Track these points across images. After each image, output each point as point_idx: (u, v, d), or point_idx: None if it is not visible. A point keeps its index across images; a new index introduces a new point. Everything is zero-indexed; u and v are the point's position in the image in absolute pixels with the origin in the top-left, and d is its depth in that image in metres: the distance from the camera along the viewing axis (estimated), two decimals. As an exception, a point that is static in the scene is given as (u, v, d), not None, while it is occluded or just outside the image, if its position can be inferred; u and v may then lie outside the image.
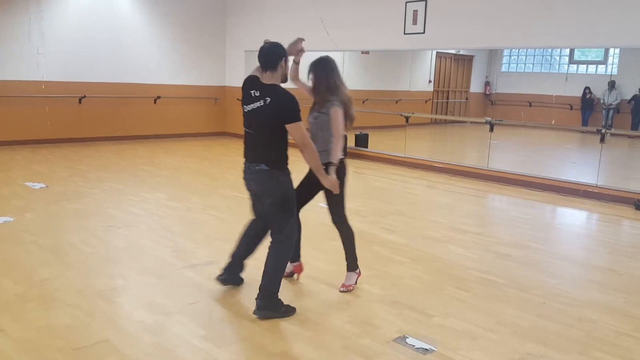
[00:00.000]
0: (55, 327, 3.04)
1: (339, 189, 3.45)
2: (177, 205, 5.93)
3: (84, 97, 10.19)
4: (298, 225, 3.76)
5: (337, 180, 3.41)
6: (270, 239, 3.37)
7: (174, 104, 11.48)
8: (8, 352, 2.76)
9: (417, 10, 8.59)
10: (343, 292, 3.70)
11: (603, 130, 7.82)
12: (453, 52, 15.45)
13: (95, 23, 10.22)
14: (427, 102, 15.40)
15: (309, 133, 3.34)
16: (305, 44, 3.75)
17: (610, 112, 13.53)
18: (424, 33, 8.55)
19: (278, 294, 3.32)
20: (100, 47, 10.34)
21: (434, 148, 12.85)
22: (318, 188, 3.53)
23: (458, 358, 2.87)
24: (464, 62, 16.55)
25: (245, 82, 3.33)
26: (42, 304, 3.32)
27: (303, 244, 3.84)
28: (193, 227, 5.23)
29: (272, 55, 3.20)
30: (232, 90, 11.91)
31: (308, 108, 3.62)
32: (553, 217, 6.71)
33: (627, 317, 3.50)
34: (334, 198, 3.55)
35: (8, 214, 5.21)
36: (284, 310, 3.32)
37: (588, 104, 14.19)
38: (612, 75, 14.06)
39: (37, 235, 4.64)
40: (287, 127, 3.14)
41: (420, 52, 14.48)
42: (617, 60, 13.75)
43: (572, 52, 15.03)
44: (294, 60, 3.71)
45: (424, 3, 8.50)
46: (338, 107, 3.44)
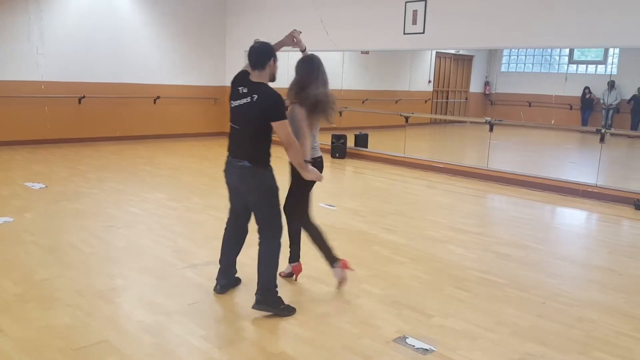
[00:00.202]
0: (55, 327, 3.04)
1: (304, 189, 3.48)
2: (177, 205, 5.93)
3: (84, 97, 10.19)
4: (299, 227, 3.79)
5: (317, 172, 3.45)
6: (259, 236, 3.40)
7: (174, 104, 11.48)
8: (8, 352, 2.76)
9: (416, 10, 8.59)
10: (341, 287, 3.73)
11: (603, 130, 7.83)
12: (453, 52, 15.45)
13: (95, 23, 10.22)
14: (426, 102, 15.41)
15: None
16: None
17: (610, 112, 13.54)
18: (424, 33, 8.55)
19: (277, 291, 3.34)
20: (100, 47, 10.34)
21: (434, 148, 12.85)
22: (307, 184, 3.61)
23: (458, 358, 2.87)
24: (464, 62, 16.56)
25: (236, 77, 3.39)
26: (41, 304, 3.32)
27: (303, 244, 3.84)
28: (193, 227, 5.23)
29: (261, 55, 3.27)
30: (232, 91, 11.89)
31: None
32: (553, 217, 6.71)
33: (627, 317, 3.50)
34: (295, 193, 3.64)
35: (8, 214, 5.21)
36: (283, 308, 3.32)
37: (588, 104, 14.19)
38: (611, 75, 14.07)
39: (36, 235, 4.64)
40: (272, 125, 3.20)
41: (420, 52, 14.48)
42: (616, 60, 13.76)
43: (571, 52, 15.03)
44: (300, 50, 3.75)
45: (424, 3, 8.50)
46: (298, 108, 3.47)
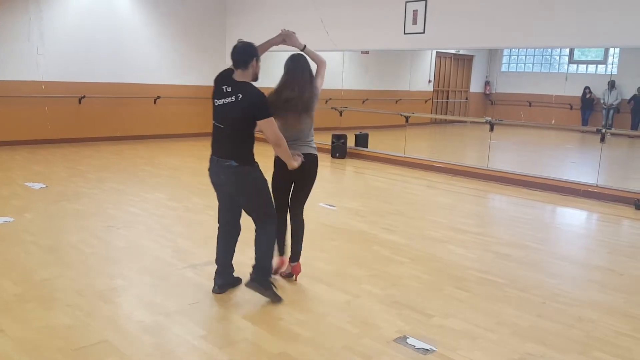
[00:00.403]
0: (55, 327, 3.04)
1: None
2: (177, 206, 5.93)
3: (84, 97, 10.19)
4: (300, 225, 3.81)
5: (297, 156, 3.51)
6: (255, 227, 3.48)
7: (174, 104, 11.47)
8: (8, 352, 2.76)
9: (417, 10, 8.59)
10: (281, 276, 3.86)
11: (603, 130, 7.83)
12: (453, 52, 15.47)
13: (95, 23, 10.22)
14: (427, 102, 15.42)
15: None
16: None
17: (610, 111, 13.55)
18: (424, 33, 8.55)
19: (271, 274, 3.51)
20: (100, 47, 10.34)
21: (434, 148, 12.85)
22: (290, 181, 3.72)
23: (458, 358, 2.87)
24: (464, 62, 16.57)
25: (219, 76, 3.41)
26: (41, 304, 3.32)
27: (303, 244, 3.84)
28: (193, 227, 5.23)
29: (243, 55, 3.30)
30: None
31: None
32: (553, 217, 6.71)
33: (627, 317, 3.50)
34: (305, 190, 3.75)
35: (8, 214, 5.21)
36: (272, 292, 3.42)
37: (588, 104, 14.20)
38: (612, 75, 14.08)
39: (36, 236, 4.64)
40: (259, 123, 3.25)
41: (420, 52, 14.50)
42: (617, 60, 13.78)
43: (572, 52, 15.04)
44: (300, 49, 3.75)
45: (424, 3, 8.50)
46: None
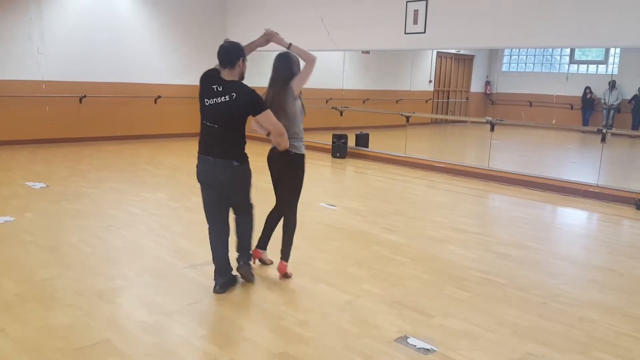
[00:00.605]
0: (55, 327, 3.04)
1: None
2: (177, 205, 5.93)
3: (85, 96, 10.19)
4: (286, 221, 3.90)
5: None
6: (237, 216, 3.68)
7: (174, 104, 11.48)
8: (8, 352, 2.76)
9: (417, 10, 8.59)
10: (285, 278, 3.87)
11: (604, 130, 7.82)
12: (454, 51, 15.45)
13: (96, 23, 10.23)
14: (427, 101, 15.40)
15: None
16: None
17: (611, 111, 13.53)
18: (425, 33, 8.55)
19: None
20: (101, 47, 10.35)
21: (435, 148, 12.84)
22: (278, 177, 3.82)
23: (459, 358, 2.86)
24: (465, 61, 16.55)
25: (207, 75, 3.43)
26: (42, 304, 3.32)
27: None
28: (193, 227, 5.22)
29: (231, 55, 3.34)
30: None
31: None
32: (553, 217, 6.71)
33: (627, 317, 3.49)
34: (297, 188, 3.82)
35: (8, 214, 5.21)
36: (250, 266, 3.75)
37: (589, 104, 14.19)
38: (612, 75, 14.06)
39: (37, 235, 4.64)
40: (257, 118, 3.33)
41: (421, 51, 14.48)
42: (617, 60, 13.75)
43: (572, 52, 15.02)
44: (285, 47, 3.73)
45: (425, 3, 8.49)
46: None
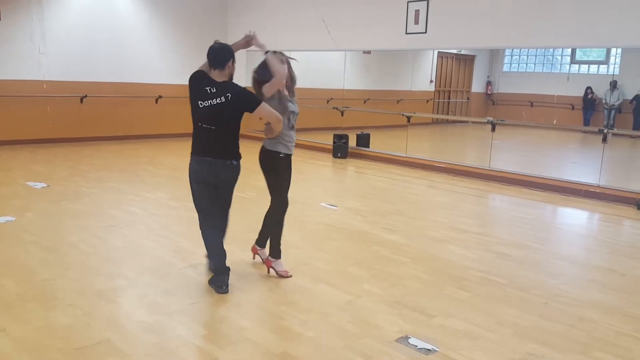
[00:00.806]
0: (56, 327, 3.04)
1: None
2: (177, 205, 5.93)
3: (86, 96, 10.20)
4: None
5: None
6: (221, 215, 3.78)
7: (175, 104, 11.44)
8: (8, 352, 2.76)
9: (418, 10, 8.59)
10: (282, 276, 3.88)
11: (605, 130, 7.81)
12: (455, 51, 15.44)
13: (97, 23, 10.23)
14: (428, 101, 15.39)
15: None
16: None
17: (612, 112, 13.51)
18: (426, 33, 8.54)
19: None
20: (102, 47, 10.36)
21: (435, 148, 12.83)
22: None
23: (459, 358, 2.86)
24: (466, 61, 16.53)
25: (196, 77, 3.49)
26: (42, 304, 3.32)
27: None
28: (193, 226, 5.17)
29: (221, 56, 3.41)
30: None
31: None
32: (554, 217, 6.70)
33: (627, 317, 3.49)
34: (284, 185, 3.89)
35: (9, 214, 5.21)
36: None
37: (590, 104, 14.17)
38: (613, 75, 14.04)
39: (37, 235, 4.65)
40: (255, 112, 3.40)
41: (422, 51, 14.47)
42: (618, 60, 13.73)
43: (573, 52, 15.00)
44: (264, 51, 3.71)
45: (426, 3, 8.49)
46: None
